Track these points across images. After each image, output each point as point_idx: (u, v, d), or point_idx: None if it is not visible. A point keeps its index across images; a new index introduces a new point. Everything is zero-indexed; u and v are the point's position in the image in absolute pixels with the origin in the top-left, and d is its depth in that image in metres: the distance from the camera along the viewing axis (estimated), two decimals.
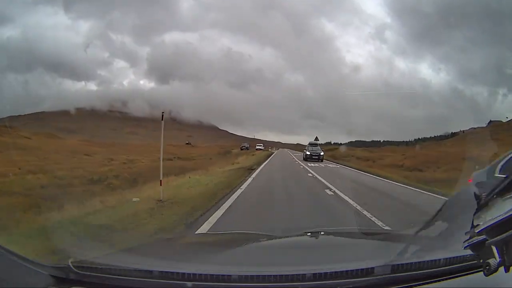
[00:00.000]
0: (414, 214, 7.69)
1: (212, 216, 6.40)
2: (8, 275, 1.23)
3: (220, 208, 7.24)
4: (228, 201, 8.14)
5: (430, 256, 1.53)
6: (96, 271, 1.37)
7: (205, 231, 5.25)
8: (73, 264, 1.36)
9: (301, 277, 1.35)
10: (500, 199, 1.14)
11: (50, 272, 1.35)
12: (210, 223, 5.87)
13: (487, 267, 1.07)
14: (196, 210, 6.84)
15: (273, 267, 1.57)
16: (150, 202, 7.63)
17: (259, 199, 9.46)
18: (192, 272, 1.36)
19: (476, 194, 2.44)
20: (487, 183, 4.31)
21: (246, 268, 1.52)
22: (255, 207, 8.21)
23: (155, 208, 7.03)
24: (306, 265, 1.60)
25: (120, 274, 1.35)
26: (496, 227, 1.05)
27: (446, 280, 1.41)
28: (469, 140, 24.61)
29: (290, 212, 7.43)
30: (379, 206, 8.35)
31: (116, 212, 6.61)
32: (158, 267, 1.41)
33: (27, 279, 1.27)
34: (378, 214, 6.86)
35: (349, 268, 1.39)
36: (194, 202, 7.80)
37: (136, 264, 1.44)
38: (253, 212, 7.45)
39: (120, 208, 7.07)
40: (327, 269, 1.41)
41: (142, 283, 1.33)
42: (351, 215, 7.21)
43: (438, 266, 1.45)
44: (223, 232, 4.53)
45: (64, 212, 6.26)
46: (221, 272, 1.38)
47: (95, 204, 7.38)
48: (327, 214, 7.44)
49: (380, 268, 1.39)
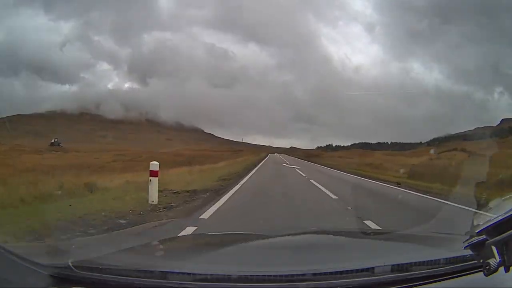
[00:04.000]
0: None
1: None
2: (8, 275, 1.23)
3: None
4: None
5: (430, 256, 1.53)
6: (96, 271, 1.37)
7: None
8: (73, 264, 1.36)
9: (301, 277, 1.35)
10: (500, 199, 1.14)
11: (50, 272, 1.35)
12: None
13: (487, 267, 1.07)
14: None
15: (273, 267, 1.57)
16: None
17: None
18: (192, 272, 1.36)
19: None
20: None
21: (246, 268, 1.52)
22: None
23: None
24: (306, 265, 1.60)
25: (120, 274, 1.35)
26: (496, 227, 1.05)
27: (446, 280, 1.41)
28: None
29: None
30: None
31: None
32: (158, 267, 1.41)
33: (27, 279, 1.27)
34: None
35: (349, 268, 1.39)
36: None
37: (136, 264, 1.44)
38: None
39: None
40: (327, 269, 1.41)
41: (142, 283, 1.33)
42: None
43: (438, 266, 1.45)
44: (223, 232, 4.52)
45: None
46: (221, 272, 1.38)
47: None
48: None
49: (380, 268, 1.39)
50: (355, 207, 7.76)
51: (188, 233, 4.26)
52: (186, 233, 4.22)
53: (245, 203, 8.68)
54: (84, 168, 19.81)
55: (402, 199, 10.63)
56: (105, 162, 36.46)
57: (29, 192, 7.41)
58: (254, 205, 8.49)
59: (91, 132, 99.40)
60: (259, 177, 17.25)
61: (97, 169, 22.22)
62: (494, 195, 4.40)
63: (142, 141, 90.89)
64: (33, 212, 6.04)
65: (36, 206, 6.69)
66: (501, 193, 1.53)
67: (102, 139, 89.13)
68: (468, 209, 6.97)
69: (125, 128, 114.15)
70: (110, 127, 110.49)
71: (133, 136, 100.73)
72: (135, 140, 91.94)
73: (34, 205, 6.74)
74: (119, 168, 23.26)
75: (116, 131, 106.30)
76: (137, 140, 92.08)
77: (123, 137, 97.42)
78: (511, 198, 1.11)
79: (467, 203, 7.21)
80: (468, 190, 8.33)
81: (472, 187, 7.85)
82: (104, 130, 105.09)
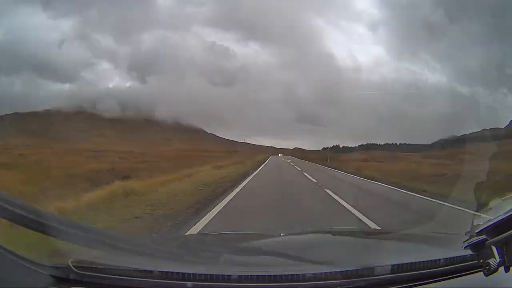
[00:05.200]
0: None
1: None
2: (8, 275, 1.23)
3: None
4: None
5: (430, 256, 1.53)
6: (96, 271, 1.37)
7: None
8: (73, 264, 1.36)
9: (301, 277, 1.35)
10: (500, 199, 1.14)
11: (50, 272, 1.35)
12: None
13: (487, 267, 1.07)
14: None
15: (273, 267, 1.57)
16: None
17: None
18: (192, 272, 1.36)
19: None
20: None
21: (246, 268, 1.52)
22: None
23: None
24: (306, 265, 1.60)
25: (120, 274, 1.35)
26: (496, 227, 1.05)
27: (446, 280, 1.41)
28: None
29: None
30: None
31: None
32: (158, 267, 1.41)
33: (27, 279, 1.27)
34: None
35: (349, 268, 1.39)
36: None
37: (136, 264, 1.44)
38: None
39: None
40: (327, 269, 1.41)
41: (142, 283, 1.33)
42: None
43: (438, 266, 1.45)
44: (223, 232, 4.52)
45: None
46: (221, 272, 1.38)
47: None
48: None
49: (380, 268, 1.39)
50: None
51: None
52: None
53: None
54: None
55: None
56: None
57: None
58: None
59: (86, 131, 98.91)
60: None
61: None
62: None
63: (141, 140, 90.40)
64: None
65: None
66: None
67: (97, 139, 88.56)
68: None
69: (122, 127, 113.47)
70: (110, 126, 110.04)
71: (130, 136, 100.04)
72: (132, 140, 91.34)
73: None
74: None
75: (113, 130, 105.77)
76: (135, 140, 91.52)
77: (119, 137, 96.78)
78: (511, 198, 1.11)
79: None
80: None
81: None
82: (101, 129, 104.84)
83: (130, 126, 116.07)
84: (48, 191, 10.10)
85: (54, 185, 12.38)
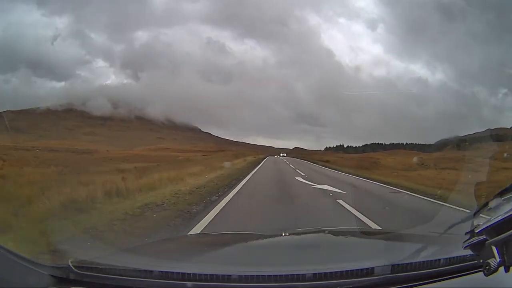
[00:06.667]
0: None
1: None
2: (8, 275, 1.23)
3: None
4: None
5: (430, 256, 1.53)
6: (96, 271, 1.37)
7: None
8: (73, 264, 1.36)
9: (301, 277, 1.35)
10: (500, 199, 1.14)
11: (50, 272, 1.35)
12: None
13: (487, 267, 1.07)
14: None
15: (273, 267, 1.57)
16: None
17: None
18: (192, 272, 1.36)
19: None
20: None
21: (245, 268, 1.52)
22: None
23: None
24: (306, 265, 1.60)
25: (120, 274, 1.35)
26: (496, 227, 1.05)
27: (446, 280, 1.41)
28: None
29: None
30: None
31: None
32: (158, 267, 1.41)
33: (27, 279, 1.27)
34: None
35: (349, 268, 1.39)
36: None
37: (136, 264, 1.44)
38: None
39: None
40: (327, 269, 1.41)
41: (142, 283, 1.33)
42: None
43: (438, 266, 1.45)
44: (223, 232, 4.52)
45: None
46: (221, 272, 1.38)
47: None
48: None
49: (380, 268, 1.39)
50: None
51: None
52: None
53: None
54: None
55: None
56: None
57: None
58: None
59: (75, 129, 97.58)
60: None
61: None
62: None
63: (131, 139, 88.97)
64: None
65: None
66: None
67: (87, 137, 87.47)
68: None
69: (114, 125, 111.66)
70: (100, 124, 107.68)
71: (121, 134, 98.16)
72: (123, 138, 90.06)
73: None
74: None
75: (104, 128, 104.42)
76: (125, 138, 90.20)
77: (110, 135, 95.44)
78: (511, 198, 1.11)
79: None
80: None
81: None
82: (91, 127, 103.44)
83: (121, 124, 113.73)
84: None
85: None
